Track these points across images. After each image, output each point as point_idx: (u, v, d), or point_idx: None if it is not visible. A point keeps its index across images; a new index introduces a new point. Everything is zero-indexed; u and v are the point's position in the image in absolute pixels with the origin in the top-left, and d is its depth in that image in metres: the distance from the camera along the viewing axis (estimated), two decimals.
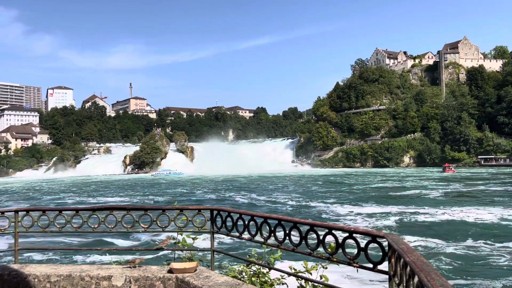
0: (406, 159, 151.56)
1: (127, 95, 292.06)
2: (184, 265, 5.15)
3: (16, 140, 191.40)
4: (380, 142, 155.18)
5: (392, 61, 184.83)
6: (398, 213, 32.76)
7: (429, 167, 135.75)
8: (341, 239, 3.73)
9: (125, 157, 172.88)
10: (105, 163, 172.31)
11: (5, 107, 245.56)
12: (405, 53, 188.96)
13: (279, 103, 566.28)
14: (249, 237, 4.83)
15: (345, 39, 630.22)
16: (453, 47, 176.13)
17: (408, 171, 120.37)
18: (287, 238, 4.28)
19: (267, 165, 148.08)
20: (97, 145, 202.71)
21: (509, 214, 30.60)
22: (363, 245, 3.48)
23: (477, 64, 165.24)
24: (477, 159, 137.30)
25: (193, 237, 6.11)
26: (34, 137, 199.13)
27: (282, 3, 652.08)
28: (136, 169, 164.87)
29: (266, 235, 4.63)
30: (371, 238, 3.46)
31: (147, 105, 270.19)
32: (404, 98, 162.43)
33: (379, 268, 3.42)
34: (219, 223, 5.35)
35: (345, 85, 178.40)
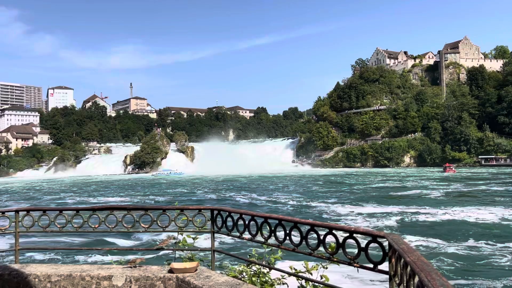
0: (407, 159, 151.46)
1: (128, 95, 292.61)
2: (184, 265, 5.15)
3: (16, 140, 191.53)
4: (380, 142, 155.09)
5: (392, 61, 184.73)
6: (399, 213, 32.75)
7: (429, 167, 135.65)
8: (342, 239, 3.73)
9: (125, 157, 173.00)
10: (105, 163, 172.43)
11: (5, 107, 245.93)
12: (405, 53, 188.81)
13: (279, 103, 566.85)
14: (250, 237, 4.83)
15: (345, 39, 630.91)
16: (454, 47, 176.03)
17: (408, 171, 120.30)
18: (287, 238, 4.28)
19: (267, 165, 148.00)
20: (98, 145, 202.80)
21: (510, 214, 30.58)
22: (363, 245, 3.48)
23: (477, 64, 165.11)
24: (478, 159, 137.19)
25: (194, 237, 6.11)
26: (35, 137, 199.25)
27: (282, 3, 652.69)
28: (137, 169, 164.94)
29: (266, 235, 4.63)
30: (371, 238, 3.45)
31: (148, 105, 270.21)
32: (405, 98, 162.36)
33: (379, 268, 3.42)
34: (219, 223, 5.35)
35: (345, 85, 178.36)
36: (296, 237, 4.25)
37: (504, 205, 36.51)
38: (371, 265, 3.49)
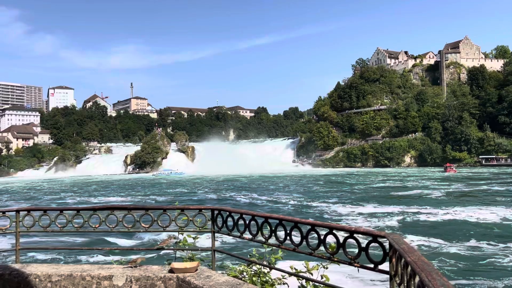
0: (407, 159, 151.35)
1: (128, 95, 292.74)
2: (185, 264, 5.15)
3: (17, 140, 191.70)
4: (381, 142, 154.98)
5: (393, 60, 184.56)
6: (400, 213, 32.73)
7: (430, 167, 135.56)
8: (342, 239, 3.73)
9: (126, 157, 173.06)
10: (106, 163, 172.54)
11: (6, 107, 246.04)
12: (406, 52, 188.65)
13: (280, 102, 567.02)
14: (250, 237, 4.82)
15: (346, 39, 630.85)
16: (454, 46, 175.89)
17: (409, 171, 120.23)
18: (288, 238, 4.28)
19: (268, 165, 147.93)
20: (98, 145, 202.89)
21: (511, 214, 30.54)
22: (364, 245, 3.48)
23: (478, 64, 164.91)
24: (478, 159, 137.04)
25: (194, 236, 6.11)
26: (35, 137, 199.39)
27: (282, 3, 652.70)
28: (137, 169, 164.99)
29: (267, 235, 4.62)
30: (372, 238, 3.45)
31: (148, 105, 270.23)
32: (405, 98, 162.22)
33: (380, 268, 3.41)
34: (220, 223, 5.35)
35: (346, 85, 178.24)
36: (296, 237, 4.25)
37: (506, 205, 36.46)
38: (371, 265, 3.48)
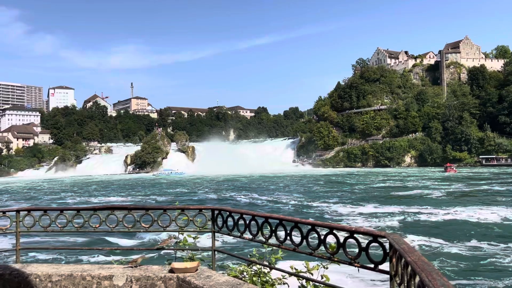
0: (408, 159, 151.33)
1: (128, 95, 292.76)
2: (185, 264, 5.15)
3: (17, 140, 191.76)
4: (381, 142, 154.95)
5: (393, 60, 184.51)
6: (400, 213, 32.72)
7: (430, 167, 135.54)
8: (342, 239, 3.73)
9: (126, 157, 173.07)
10: (106, 163, 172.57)
11: (6, 107, 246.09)
12: (406, 52, 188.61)
13: (280, 102, 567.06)
14: (251, 237, 4.82)
15: (346, 39, 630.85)
16: (455, 46, 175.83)
17: (409, 171, 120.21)
18: (288, 238, 4.27)
19: (268, 165, 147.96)
20: (98, 145, 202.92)
21: None
22: (364, 245, 3.47)
23: (478, 64, 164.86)
24: (479, 159, 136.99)
25: (194, 236, 6.11)
26: (36, 137, 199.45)
27: (282, 3, 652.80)
28: (137, 169, 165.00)
29: (267, 234, 4.62)
30: (372, 238, 3.45)
31: (148, 104, 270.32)
32: (405, 98, 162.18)
33: (380, 268, 3.41)
34: (220, 223, 5.35)
35: (346, 84, 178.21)
36: (296, 237, 4.25)
37: (506, 205, 36.44)
38: (372, 265, 3.48)
